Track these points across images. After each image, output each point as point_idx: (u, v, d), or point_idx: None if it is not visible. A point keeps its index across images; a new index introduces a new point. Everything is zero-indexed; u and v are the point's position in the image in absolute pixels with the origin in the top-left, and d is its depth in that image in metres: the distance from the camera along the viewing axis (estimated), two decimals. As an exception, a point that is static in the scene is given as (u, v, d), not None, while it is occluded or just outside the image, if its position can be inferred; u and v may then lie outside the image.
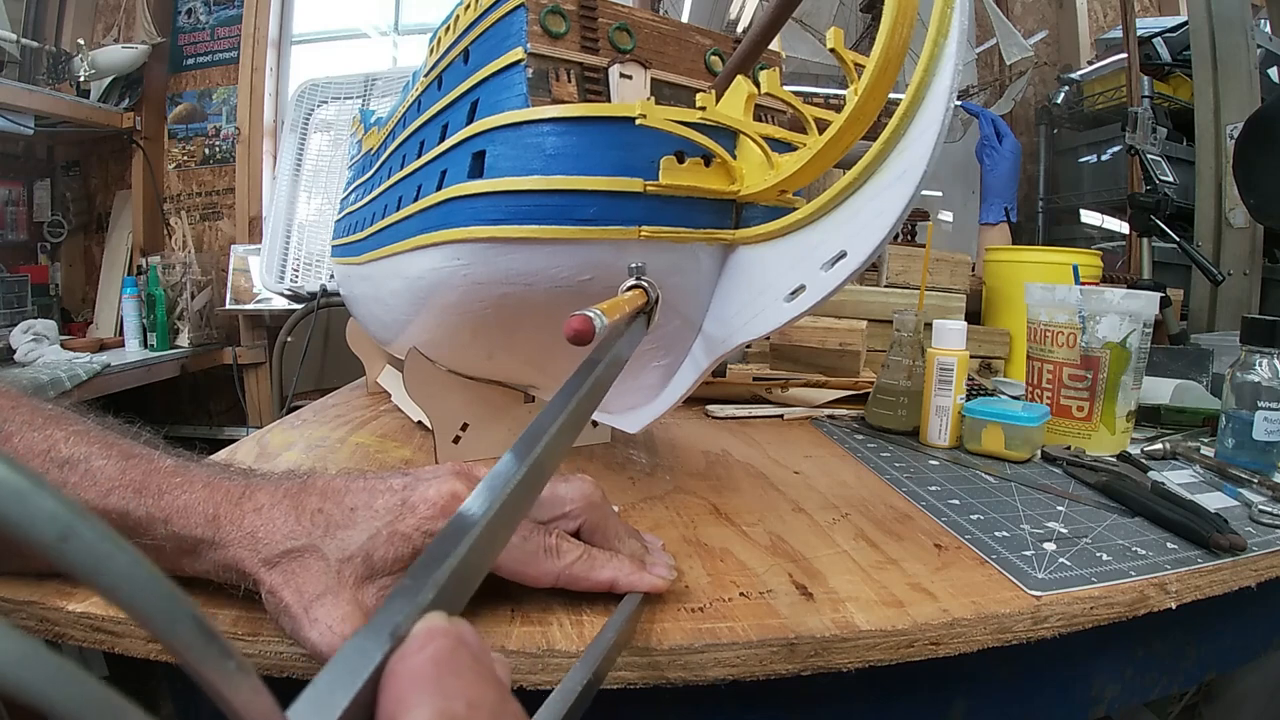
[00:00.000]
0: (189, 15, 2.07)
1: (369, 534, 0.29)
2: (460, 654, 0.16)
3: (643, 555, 0.35)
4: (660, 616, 0.33)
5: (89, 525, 0.10)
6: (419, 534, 0.29)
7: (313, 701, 0.14)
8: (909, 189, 0.29)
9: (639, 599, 0.32)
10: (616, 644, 0.29)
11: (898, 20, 0.28)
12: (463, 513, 0.19)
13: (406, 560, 0.29)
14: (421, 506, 0.30)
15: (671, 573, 0.34)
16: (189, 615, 0.12)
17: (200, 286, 1.92)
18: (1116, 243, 1.76)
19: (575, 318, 0.27)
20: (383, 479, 0.31)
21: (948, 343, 0.63)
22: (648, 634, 0.31)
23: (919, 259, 1.05)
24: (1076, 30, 1.96)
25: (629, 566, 0.33)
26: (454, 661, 0.16)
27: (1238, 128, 1.28)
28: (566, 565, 0.32)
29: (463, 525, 0.19)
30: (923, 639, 0.32)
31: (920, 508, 0.48)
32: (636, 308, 0.32)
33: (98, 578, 0.11)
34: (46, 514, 0.10)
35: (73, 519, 0.10)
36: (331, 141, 1.78)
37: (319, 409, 0.77)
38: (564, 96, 0.42)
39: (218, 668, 0.12)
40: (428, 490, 0.30)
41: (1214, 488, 0.54)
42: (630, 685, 0.30)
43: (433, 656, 0.15)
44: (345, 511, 0.30)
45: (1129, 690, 0.43)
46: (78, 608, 0.31)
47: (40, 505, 0.10)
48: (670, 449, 0.62)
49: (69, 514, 0.10)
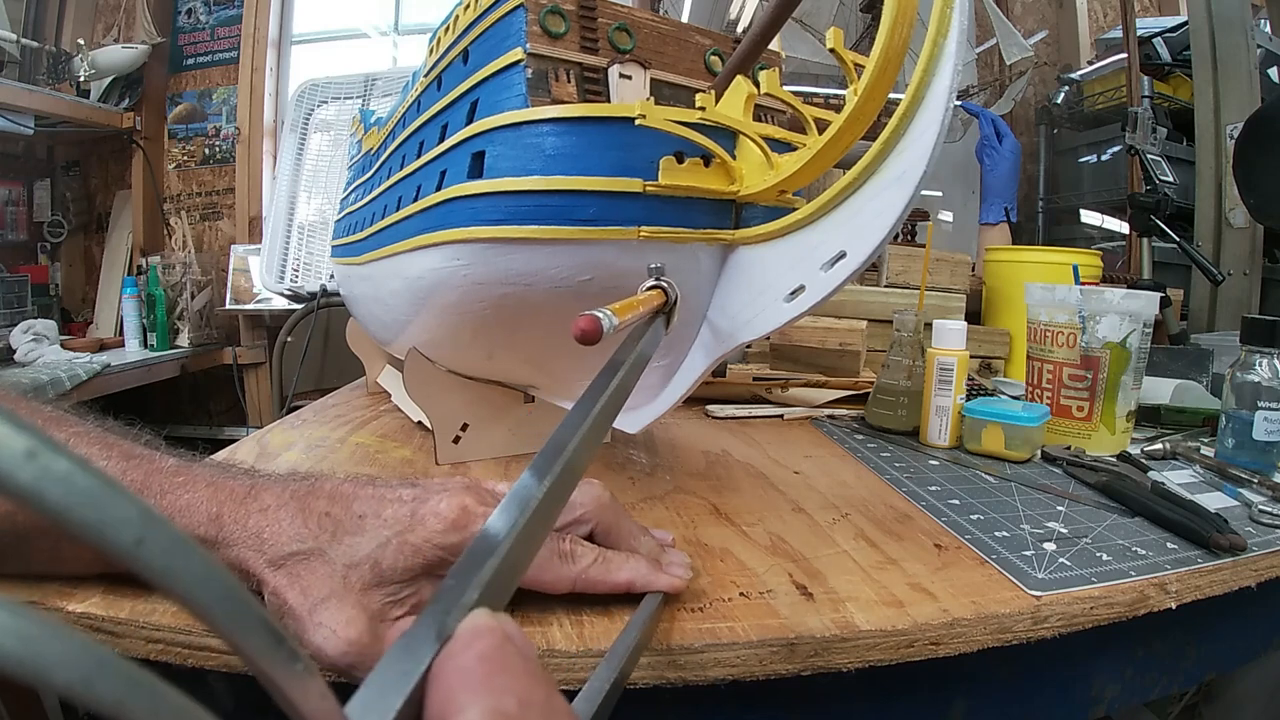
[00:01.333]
0: (189, 15, 2.07)
1: (378, 542, 0.29)
2: (508, 651, 0.16)
3: (658, 554, 0.35)
4: (660, 616, 0.33)
5: (162, 529, 0.10)
6: (429, 546, 0.29)
7: (366, 704, 0.14)
8: (909, 189, 0.29)
9: (660, 598, 0.32)
10: (639, 644, 0.29)
11: (898, 20, 0.28)
12: (500, 515, 0.19)
13: (415, 572, 0.29)
14: (431, 519, 0.29)
15: (688, 571, 0.34)
16: (258, 619, 0.12)
17: (200, 286, 1.92)
18: (1116, 243, 1.76)
19: (583, 317, 0.27)
20: (391, 488, 0.31)
21: (948, 343, 0.63)
22: (648, 634, 0.31)
23: (919, 259, 1.05)
24: (1076, 30, 1.96)
25: (645, 567, 0.33)
26: (502, 659, 0.15)
27: (1238, 128, 1.28)
28: (583, 570, 0.32)
29: (501, 526, 0.19)
30: (923, 639, 0.32)
31: (920, 508, 0.48)
32: (654, 308, 0.32)
33: (171, 582, 0.10)
34: (123, 518, 0.10)
35: (147, 523, 0.10)
36: (331, 141, 1.78)
37: (319, 409, 0.77)
38: (563, 97, 0.42)
39: (286, 671, 0.12)
40: (439, 504, 0.30)
41: (1214, 488, 0.54)
42: (630, 685, 0.30)
43: (480, 654, 0.15)
44: (353, 518, 0.30)
45: (1129, 690, 0.43)
46: (78, 608, 0.31)
47: (117, 509, 0.10)
48: (670, 449, 0.62)
49: (143, 518, 0.10)
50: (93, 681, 0.08)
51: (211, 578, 0.11)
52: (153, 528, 0.10)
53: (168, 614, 0.31)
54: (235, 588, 0.11)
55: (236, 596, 0.11)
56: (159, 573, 0.10)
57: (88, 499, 0.09)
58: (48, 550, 0.31)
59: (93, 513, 0.09)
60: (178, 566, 0.10)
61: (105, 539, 0.09)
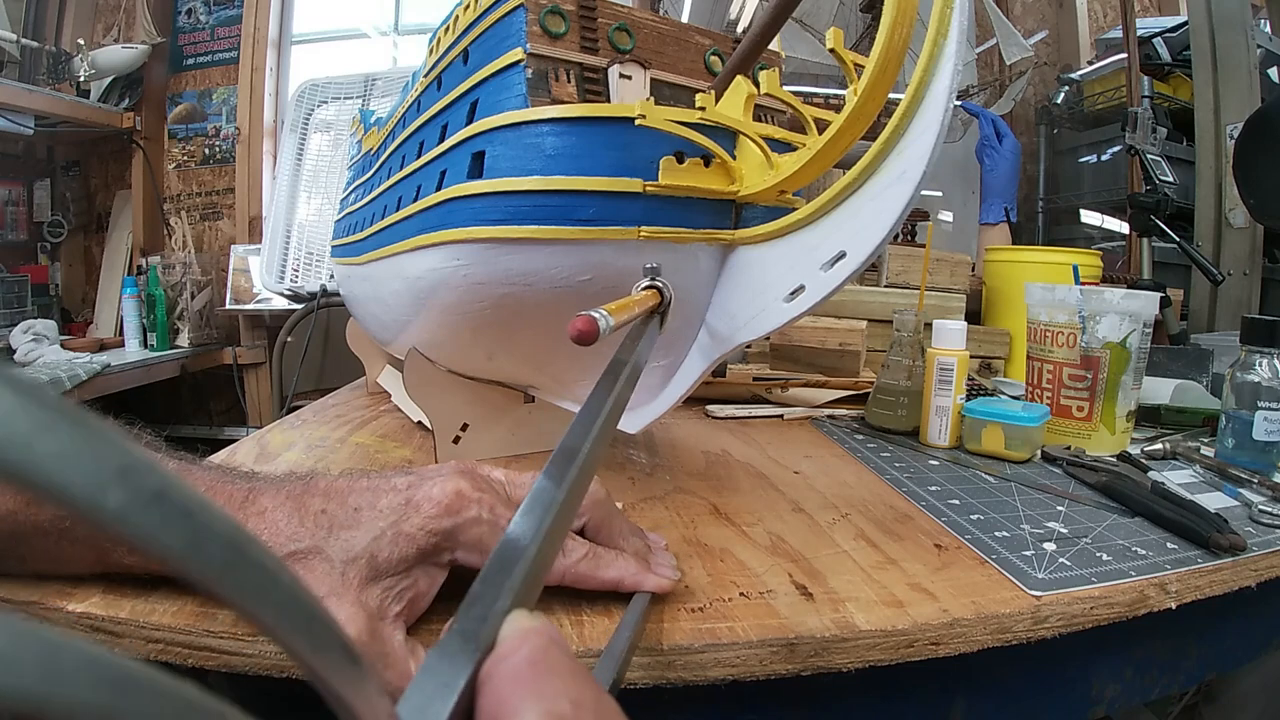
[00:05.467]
0: (189, 15, 2.07)
1: (373, 535, 0.29)
2: (554, 653, 0.16)
3: (647, 555, 0.35)
4: (660, 616, 0.33)
5: (215, 531, 0.10)
6: (423, 533, 0.29)
7: (413, 710, 0.14)
8: (909, 189, 0.29)
9: (647, 598, 0.32)
10: (631, 644, 0.29)
11: (898, 20, 0.28)
12: (523, 520, 0.19)
13: (411, 561, 0.29)
14: (425, 505, 0.29)
15: (675, 574, 0.34)
16: (320, 621, 0.11)
17: (200, 286, 1.92)
18: (1116, 243, 1.76)
19: (580, 318, 0.27)
20: (386, 478, 0.31)
21: (948, 343, 0.63)
22: (647, 634, 0.31)
23: (919, 259, 1.05)
24: (1076, 30, 1.96)
25: (634, 566, 0.33)
26: (549, 661, 0.15)
27: (1238, 128, 1.28)
28: (573, 563, 0.32)
29: (527, 530, 0.19)
30: (923, 639, 0.32)
31: (920, 508, 0.48)
32: (649, 308, 0.32)
33: (222, 587, 0.10)
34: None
35: (202, 526, 0.09)
36: (331, 141, 1.78)
37: (319, 409, 0.77)
38: (563, 97, 0.42)
39: (340, 673, 0.12)
40: (432, 489, 0.30)
41: (1214, 488, 0.54)
42: (630, 685, 0.30)
43: (529, 657, 0.15)
44: (349, 512, 0.30)
45: (1129, 690, 0.43)
46: (78, 607, 0.31)
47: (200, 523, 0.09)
48: (670, 449, 0.62)
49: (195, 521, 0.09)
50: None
51: (268, 582, 0.10)
52: (206, 532, 0.09)
53: (168, 614, 0.31)
54: (297, 590, 0.11)
55: (296, 601, 0.11)
56: (209, 578, 0.10)
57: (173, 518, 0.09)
58: (48, 550, 0.31)
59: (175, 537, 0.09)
60: (230, 571, 0.10)
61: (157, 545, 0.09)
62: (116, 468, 0.08)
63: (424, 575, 0.30)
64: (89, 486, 0.08)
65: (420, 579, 0.30)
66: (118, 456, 0.08)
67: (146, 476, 0.08)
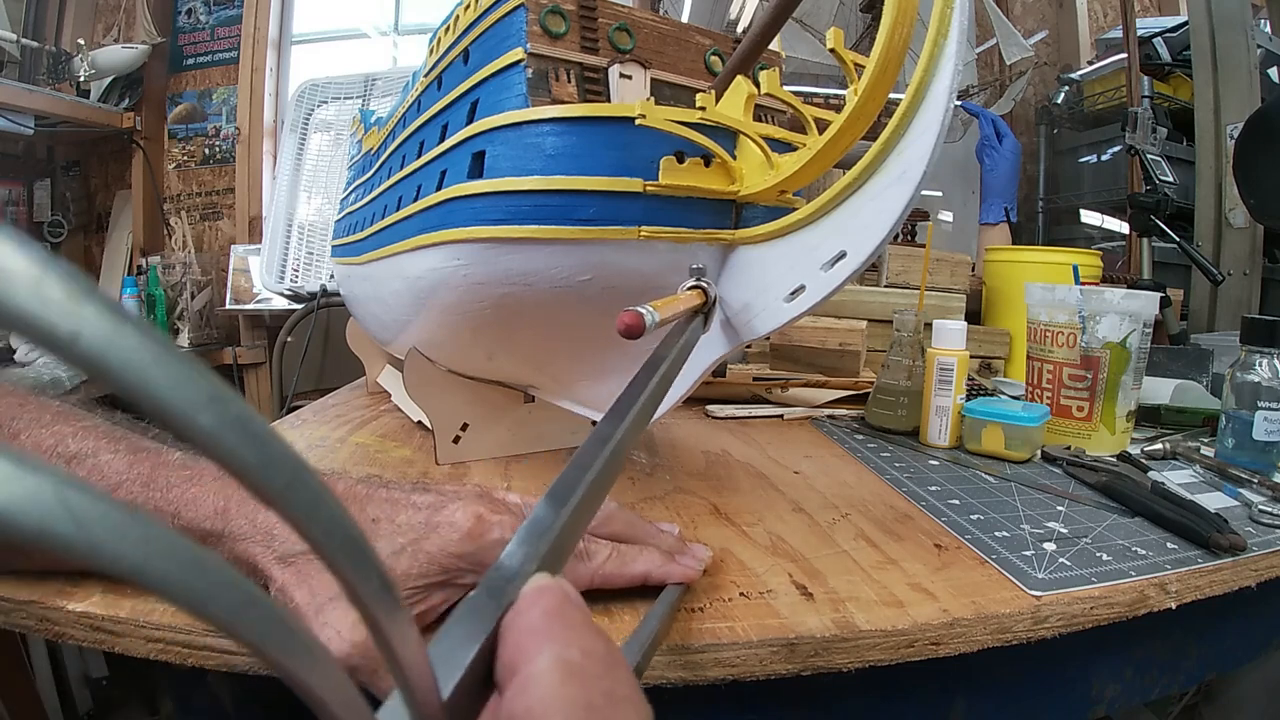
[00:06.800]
0: (189, 15, 2.07)
1: (393, 548, 0.29)
2: (568, 608, 0.17)
3: (671, 546, 0.35)
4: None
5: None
6: (444, 555, 0.29)
7: (439, 657, 0.16)
8: (909, 189, 0.29)
9: (679, 591, 0.32)
10: (656, 638, 0.29)
11: (898, 20, 0.28)
12: (547, 500, 0.20)
13: (429, 579, 0.29)
14: (446, 529, 0.30)
15: (702, 563, 0.34)
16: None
17: (200, 286, 1.92)
18: (1116, 243, 1.76)
19: (627, 313, 0.28)
20: (405, 492, 0.32)
21: (948, 343, 0.63)
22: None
23: (919, 259, 1.05)
24: (1076, 30, 1.96)
25: (659, 558, 0.33)
26: (564, 614, 0.17)
27: (1238, 128, 1.28)
28: (599, 565, 0.32)
29: (554, 505, 0.20)
30: (923, 639, 0.32)
31: (920, 508, 0.48)
32: (693, 307, 0.33)
33: (284, 503, 0.11)
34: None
35: (271, 450, 0.11)
36: (331, 141, 1.78)
37: (319, 409, 0.77)
38: (564, 97, 0.42)
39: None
40: (454, 514, 0.30)
41: (1214, 488, 0.54)
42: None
43: (545, 610, 0.17)
44: (366, 520, 0.30)
45: (1129, 690, 0.43)
46: (78, 607, 0.31)
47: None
48: (670, 449, 0.62)
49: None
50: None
51: (326, 506, 0.12)
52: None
53: (167, 613, 0.31)
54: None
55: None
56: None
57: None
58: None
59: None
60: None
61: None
62: (208, 396, 0.10)
63: (439, 595, 0.30)
64: (188, 407, 0.09)
65: (434, 598, 0.30)
66: (209, 388, 0.10)
67: (230, 405, 0.10)
